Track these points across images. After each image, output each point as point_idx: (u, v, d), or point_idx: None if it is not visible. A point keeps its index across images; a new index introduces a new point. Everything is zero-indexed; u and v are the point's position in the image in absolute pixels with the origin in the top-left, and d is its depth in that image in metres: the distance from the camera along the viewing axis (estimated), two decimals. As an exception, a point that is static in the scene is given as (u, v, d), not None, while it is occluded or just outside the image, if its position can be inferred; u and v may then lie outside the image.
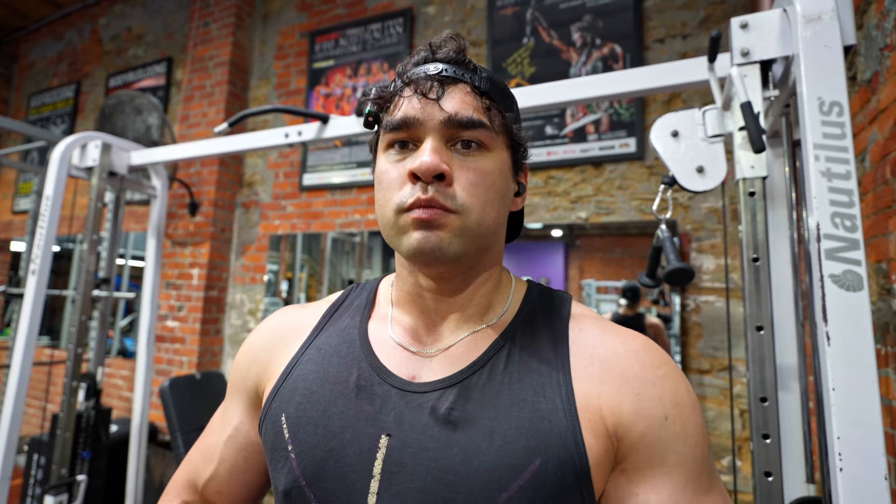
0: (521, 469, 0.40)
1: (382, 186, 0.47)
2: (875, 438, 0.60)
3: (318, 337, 0.54)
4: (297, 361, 0.52)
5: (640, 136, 2.03)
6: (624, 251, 2.06)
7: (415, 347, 0.50)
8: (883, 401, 1.11)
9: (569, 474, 0.41)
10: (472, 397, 0.45)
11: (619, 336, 0.48)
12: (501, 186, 0.47)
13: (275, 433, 0.48)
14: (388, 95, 0.49)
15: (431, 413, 0.44)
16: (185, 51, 3.28)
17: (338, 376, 0.49)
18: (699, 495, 0.43)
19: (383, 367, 0.48)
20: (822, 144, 0.68)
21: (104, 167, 1.75)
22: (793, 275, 0.94)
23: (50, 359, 3.20)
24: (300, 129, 1.48)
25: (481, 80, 0.47)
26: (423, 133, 0.45)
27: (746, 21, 0.84)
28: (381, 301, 0.56)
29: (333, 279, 2.68)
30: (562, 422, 0.42)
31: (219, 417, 0.60)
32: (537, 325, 0.50)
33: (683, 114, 0.93)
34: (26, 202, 3.93)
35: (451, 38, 0.49)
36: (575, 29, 2.21)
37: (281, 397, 0.50)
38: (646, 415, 0.43)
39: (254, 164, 3.04)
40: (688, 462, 0.43)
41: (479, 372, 0.46)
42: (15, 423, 1.55)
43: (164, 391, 1.96)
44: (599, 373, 0.45)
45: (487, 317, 0.51)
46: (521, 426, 0.42)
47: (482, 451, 0.42)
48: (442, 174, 0.43)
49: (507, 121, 0.48)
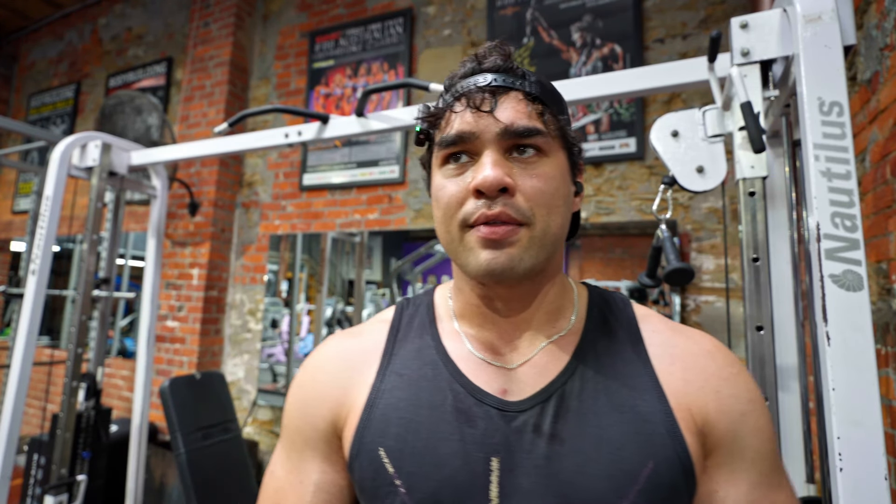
0: (635, 474, 0.41)
1: (441, 203, 0.46)
2: (875, 438, 0.59)
3: (392, 362, 0.51)
4: (380, 390, 0.49)
5: (640, 136, 2.03)
6: (624, 251, 2.06)
7: (497, 361, 0.49)
8: (883, 401, 1.11)
9: (679, 474, 0.42)
10: (571, 407, 0.45)
11: (690, 336, 0.49)
12: (564, 190, 0.47)
13: (374, 469, 0.46)
14: (438, 112, 0.48)
15: (535, 430, 0.44)
16: (185, 51, 3.28)
17: (432, 401, 0.47)
18: (773, 490, 0.44)
19: (476, 386, 0.47)
20: (822, 144, 0.68)
21: (104, 167, 1.75)
22: (793, 275, 0.94)
23: (50, 359, 3.20)
24: (300, 129, 1.47)
25: (532, 86, 0.46)
26: (479, 146, 0.45)
27: (746, 21, 0.84)
28: (443, 316, 0.54)
29: (333, 279, 2.68)
30: (663, 423, 0.43)
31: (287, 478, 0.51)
32: (611, 328, 0.50)
33: (683, 114, 0.93)
34: (26, 202, 3.93)
35: (496, 46, 0.48)
36: (575, 29, 2.21)
37: (373, 430, 0.47)
38: (727, 411, 0.44)
39: (254, 164, 3.04)
40: (763, 457, 0.44)
41: (570, 381, 0.46)
42: (15, 423, 1.55)
43: (164, 391, 1.96)
44: (681, 372, 0.46)
45: (560, 323, 0.50)
46: (626, 431, 0.43)
47: (594, 461, 0.42)
48: (506, 187, 0.43)
49: (561, 123, 0.47)
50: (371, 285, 2.58)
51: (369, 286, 2.58)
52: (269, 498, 0.51)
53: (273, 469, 0.53)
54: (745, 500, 0.43)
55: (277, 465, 0.52)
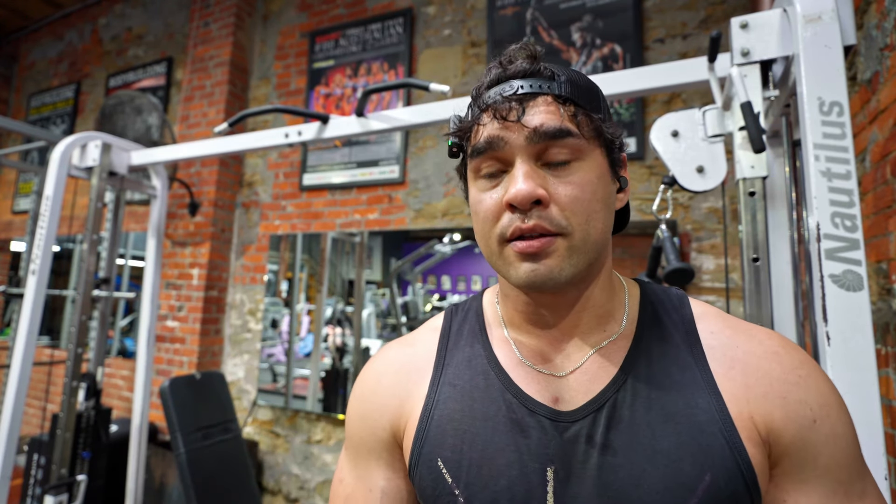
0: (692, 487, 0.40)
1: (479, 217, 0.46)
2: (875, 438, 0.59)
3: (445, 372, 0.52)
4: (435, 402, 0.50)
5: (640, 136, 2.03)
6: (624, 251, 2.06)
7: (546, 369, 0.48)
8: (883, 401, 1.11)
9: (740, 486, 0.40)
10: (624, 417, 0.44)
11: (754, 336, 0.46)
12: (603, 193, 0.45)
13: (433, 479, 0.46)
14: (467, 126, 0.47)
15: (588, 441, 0.43)
16: (185, 51, 3.28)
17: (486, 412, 0.47)
18: (853, 500, 0.42)
19: (528, 396, 0.47)
20: (822, 144, 0.68)
21: (104, 167, 1.75)
22: (793, 275, 0.94)
23: (50, 359, 3.20)
24: (300, 129, 1.48)
25: (561, 87, 0.44)
26: (510, 155, 0.43)
27: (746, 21, 0.84)
28: (492, 322, 0.54)
29: (333, 279, 2.68)
30: (722, 433, 0.42)
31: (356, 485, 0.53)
32: (666, 330, 0.48)
33: (683, 114, 0.93)
34: (26, 202, 3.93)
35: (521, 48, 0.46)
36: (575, 29, 2.21)
37: (430, 441, 0.48)
38: (794, 419, 0.42)
39: (254, 164, 3.04)
40: (839, 465, 0.42)
41: (623, 389, 0.45)
42: (15, 423, 1.55)
43: (164, 391, 1.96)
44: (742, 377, 0.44)
45: (611, 327, 0.49)
46: (682, 442, 0.41)
47: (649, 474, 0.41)
48: (539, 199, 0.42)
49: (596, 122, 0.45)
50: (371, 285, 2.58)
51: (369, 286, 2.58)
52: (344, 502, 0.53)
53: (342, 477, 0.55)
54: None
55: (346, 473, 0.54)
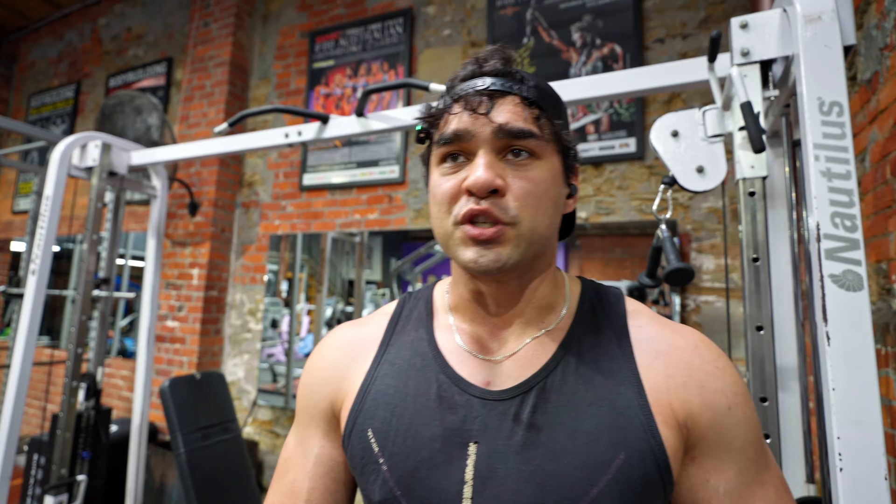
0: (607, 464, 0.43)
1: (437, 200, 0.49)
2: (875, 438, 0.59)
3: (387, 352, 0.55)
4: (373, 377, 0.53)
5: (640, 136, 2.03)
6: (624, 251, 2.06)
7: (483, 354, 0.51)
8: (883, 401, 1.11)
9: (651, 466, 0.44)
10: (552, 399, 0.47)
11: (677, 331, 0.51)
12: (554, 193, 0.49)
13: (363, 448, 0.50)
14: (438, 113, 0.50)
15: (515, 419, 0.46)
16: (185, 51, 3.28)
17: (418, 389, 0.50)
18: (760, 472, 0.47)
19: (460, 376, 0.50)
20: (822, 144, 0.68)
21: (104, 167, 1.75)
22: (793, 275, 0.94)
23: (50, 359, 3.20)
24: (300, 129, 1.47)
25: (529, 90, 0.48)
26: (474, 146, 0.47)
27: (746, 21, 0.84)
28: (440, 309, 0.57)
29: (333, 279, 2.68)
30: (639, 417, 0.45)
31: (295, 450, 0.57)
32: (599, 323, 0.52)
33: (683, 114, 0.93)
34: (26, 202, 3.93)
35: (496, 49, 0.50)
36: (575, 29, 2.21)
37: (364, 413, 0.51)
38: (711, 406, 0.46)
39: (254, 164, 3.04)
40: (750, 445, 0.47)
41: (553, 374, 0.48)
42: (15, 423, 1.55)
43: (164, 391, 1.96)
44: (664, 367, 0.48)
45: (549, 318, 0.52)
46: (601, 424, 0.45)
47: (569, 451, 0.44)
48: (496, 189, 0.45)
49: (556, 128, 0.49)
50: (371, 285, 2.58)
51: (369, 286, 2.58)
52: (281, 465, 0.58)
53: (287, 441, 0.59)
54: (735, 485, 0.46)
55: (290, 438, 0.59)
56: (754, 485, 0.46)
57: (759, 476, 0.47)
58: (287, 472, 0.56)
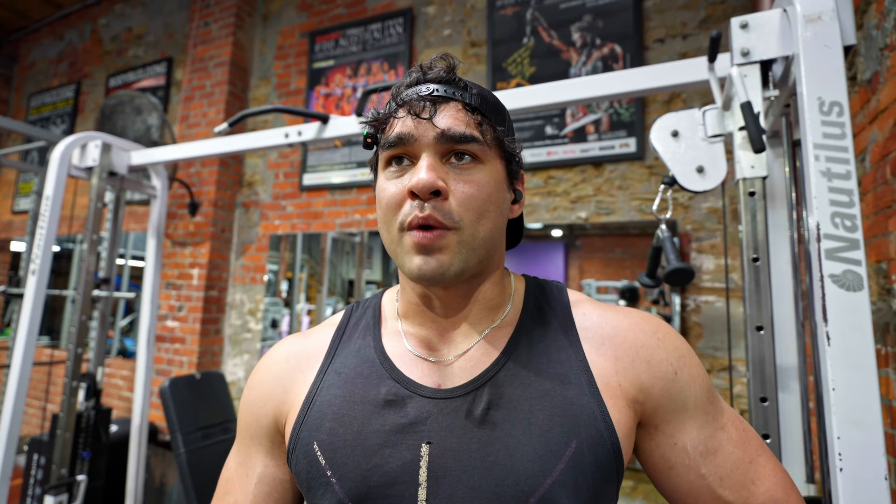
0: (560, 453, 0.44)
1: (383, 204, 0.49)
2: (875, 438, 0.60)
3: (333, 361, 0.54)
4: (318, 388, 0.52)
5: (640, 136, 2.03)
6: (624, 251, 2.06)
7: (433, 357, 0.52)
8: (883, 401, 1.11)
9: (601, 451, 0.45)
10: (504, 394, 0.47)
11: (619, 312, 0.53)
12: (497, 197, 0.49)
13: (308, 462, 0.48)
14: (383, 117, 0.51)
15: (468, 416, 0.47)
16: (185, 51, 3.28)
17: (365, 396, 0.49)
18: (718, 418, 0.51)
19: (410, 379, 0.50)
20: (822, 144, 0.68)
21: (104, 167, 1.75)
22: (793, 275, 0.94)
23: (50, 359, 3.20)
24: (300, 129, 1.48)
25: (472, 97, 0.49)
26: (418, 150, 0.47)
27: (746, 21, 0.84)
28: (388, 316, 0.57)
29: (333, 279, 2.68)
30: (589, 405, 0.47)
31: (236, 470, 0.56)
32: (545, 316, 0.53)
33: (683, 114, 0.93)
34: (26, 202, 3.93)
35: (441, 58, 0.51)
36: (575, 29, 2.21)
37: (309, 426, 0.50)
38: (660, 376, 0.49)
39: (254, 164, 3.04)
40: (703, 399, 0.50)
41: (504, 368, 0.49)
42: (15, 423, 1.55)
43: (164, 391, 1.96)
44: (611, 350, 0.50)
45: (496, 315, 0.53)
46: (554, 414, 0.46)
47: (523, 444, 0.45)
48: (438, 190, 0.45)
49: (498, 134, 0.50)
50: (371, 285, 2.58)
51: (369, 286, 2.58)
52: (221, 487, 0.56)
53: (228, 461, 0.58)
54: (700, 439, 0.49)
55: (231, 458, 0.58)
56: (717, 432, 0.50)
57: (718, 422, 0.50)
58: (227, 494, 0.55)
